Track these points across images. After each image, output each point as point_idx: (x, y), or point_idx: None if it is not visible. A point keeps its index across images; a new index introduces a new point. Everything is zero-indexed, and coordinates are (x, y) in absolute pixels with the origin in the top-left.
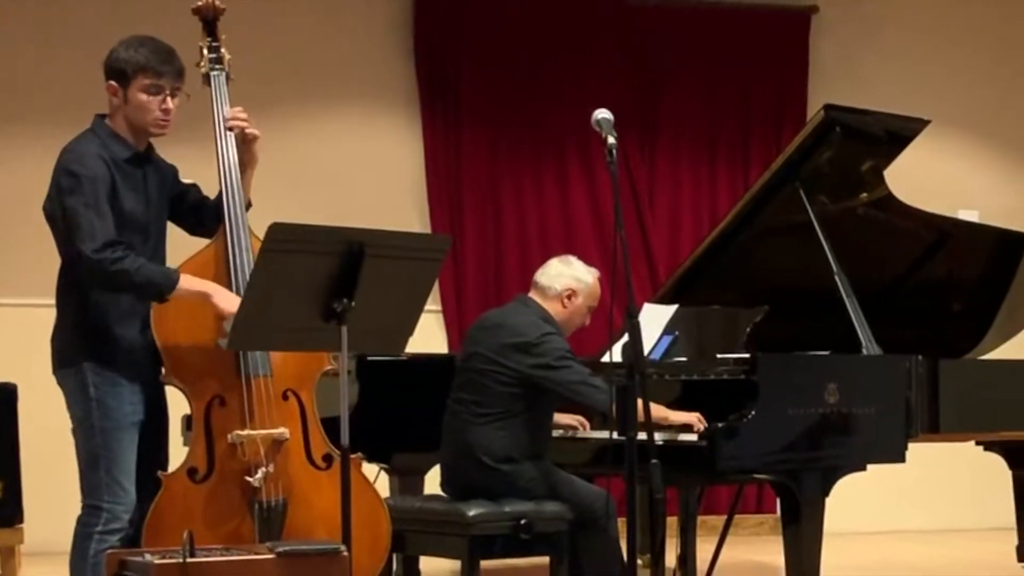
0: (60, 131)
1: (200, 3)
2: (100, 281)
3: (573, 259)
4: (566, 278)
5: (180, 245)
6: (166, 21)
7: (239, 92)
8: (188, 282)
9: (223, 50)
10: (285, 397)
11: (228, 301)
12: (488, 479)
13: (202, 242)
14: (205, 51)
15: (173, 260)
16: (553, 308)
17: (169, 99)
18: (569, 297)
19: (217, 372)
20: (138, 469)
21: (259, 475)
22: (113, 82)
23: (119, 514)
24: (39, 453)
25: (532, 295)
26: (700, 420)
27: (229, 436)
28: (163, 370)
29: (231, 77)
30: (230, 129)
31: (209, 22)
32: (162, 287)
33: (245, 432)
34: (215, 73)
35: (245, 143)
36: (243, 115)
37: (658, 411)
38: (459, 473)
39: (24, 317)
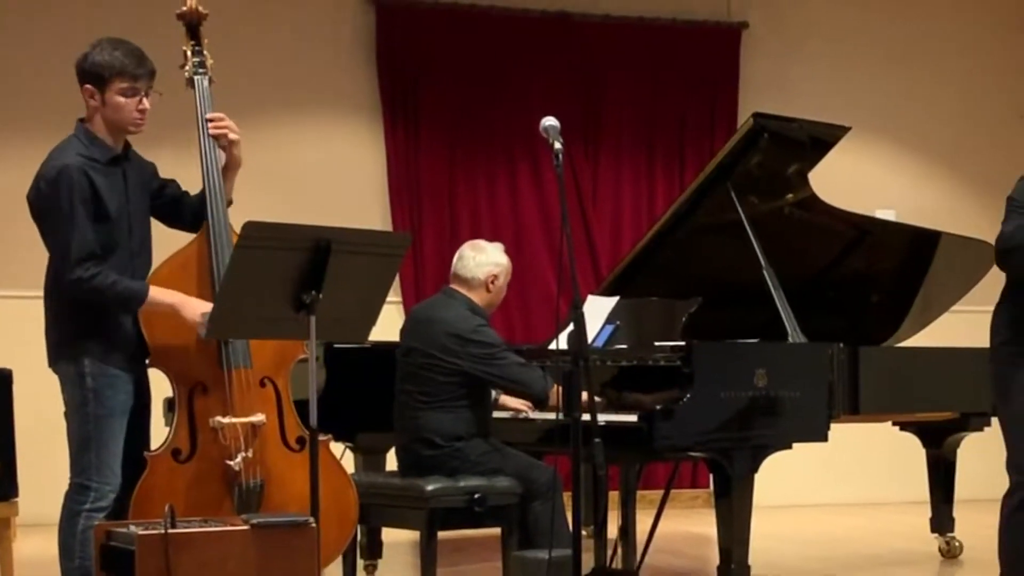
0: (53, 129)
1: (184, 8)
2: (76, 296)
3: (482, 243)
4: (487, 266)
5: (167, 239)
6: (151, 25)
7: (215, 100)
8: (157, 294)
9: (206, 54)
10: (262, 384)
11: (194, 310)
12: (442, 457)
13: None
14: (189, 55)
15: (159, 252)
16: (479, 296)
17: (144, 99)
18: (492, 282)
19: (200, 362)
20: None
21: (239, 459)
22: (90, 85)
23: (106, 493)
24: (33, 433)
25: (455, 286)
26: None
27: (211, 422)
28: (149, 358)
29: (213, 80)
30: (213, 136)
31: (192, 27)
32: (132, 303)
33: (226, 419)
34: (199, 77)
35: (228, 147)
36: (225, 121)
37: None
38: (414, 455)
39: (18, 308)
